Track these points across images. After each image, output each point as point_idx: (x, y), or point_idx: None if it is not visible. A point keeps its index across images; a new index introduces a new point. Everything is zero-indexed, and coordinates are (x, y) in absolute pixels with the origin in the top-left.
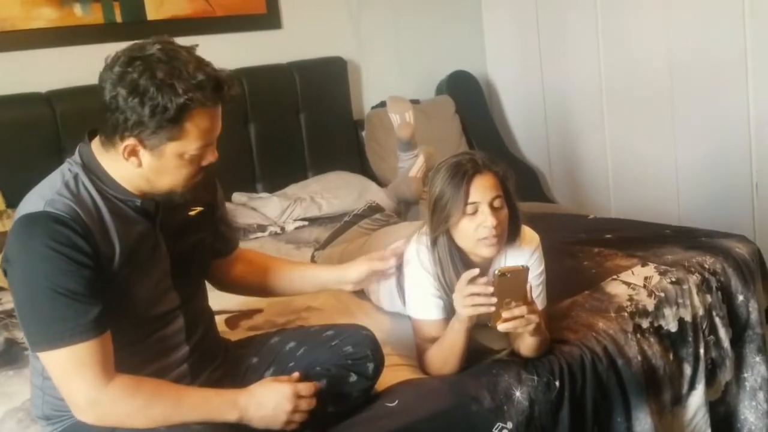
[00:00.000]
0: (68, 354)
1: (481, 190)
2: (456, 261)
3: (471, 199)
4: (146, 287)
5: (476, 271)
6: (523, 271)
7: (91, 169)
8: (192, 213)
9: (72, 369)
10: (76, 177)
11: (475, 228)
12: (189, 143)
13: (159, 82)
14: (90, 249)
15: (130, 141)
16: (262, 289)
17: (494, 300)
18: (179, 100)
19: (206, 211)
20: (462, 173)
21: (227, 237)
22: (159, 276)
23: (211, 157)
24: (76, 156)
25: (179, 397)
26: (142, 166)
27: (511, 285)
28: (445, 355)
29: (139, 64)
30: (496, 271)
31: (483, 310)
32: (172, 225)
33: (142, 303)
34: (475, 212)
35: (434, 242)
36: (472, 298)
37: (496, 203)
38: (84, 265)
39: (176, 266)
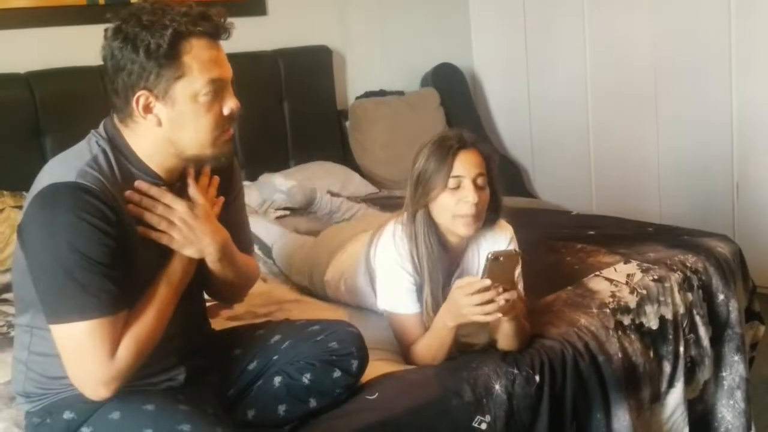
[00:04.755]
0: (88, 328)
1: (466, 165)
2: (432, 238)
3: (455, 173)
4: (150, 275)
5: (467, 280)
6: (515, 255)
7: (117, 145)
8: None
9: (88, 345)
10: (105, 152)
11: (456, 202)
12: (195, 79)
13: (146, 23)
14: (116, 220)
15: (141, 93)
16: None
17: (502, 301)
18: (167, 31)
19: (223, 203)
20: (448, 147)
21: (235, 238)
22: (163, 266)
23: (232, 103)
24: (101, 131)
25: (151, 313)
26: (162, 124)
27: (502, 269)
28: (435, 353)
29: (126, 18)
30: (489, 254)
31: (492, 318)
32: None
33: (145, 291)
34: (457, 187)
35: (413, 217)
36: (482, 307)
37: (480, 181)
38: (110, 235)
39: None
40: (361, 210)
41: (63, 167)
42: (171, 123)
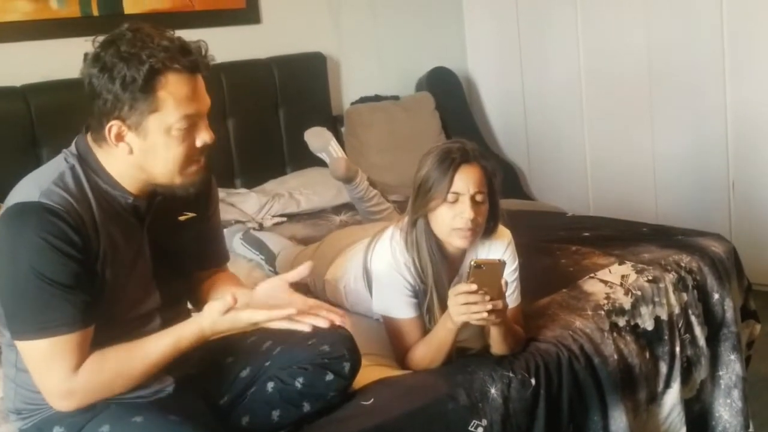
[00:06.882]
0: (49, 345)
1: (466, 180)
2: (432, 246)
3: (454, 188)
4: (127, 288)
5: (462, 287)
6: (498, 265)
7: (87, 162)
8: (182, 218)
9: (50, 359)
10: (72, 169)
11: (453, 217)
12: (169, 114)
13: (124, 54)
14: (81, 242)
15: (114, 123)
16: None
17: (489, 306)
18: (144, 66)
19: (197, 218)
20: (450, 160)
21: (211, 251)
22: (140, 278)
23: (205, 136)
24: (73, 148)
25: (145, 352)
26: (133, 152)
27: (486, 277)
28: (433, 355)
29: (107, 45)
30: (472, 262)
31: (478, 316)
32: (160, 228)
33: (122, 303)
34: (455, 201)
35: (413, 224)
36: (468, 306)
37: (479, 197)
38: (74, 258)
39: (159, 269)
40: (388, 210)
41: (30, 186)
42: (142, 153)
